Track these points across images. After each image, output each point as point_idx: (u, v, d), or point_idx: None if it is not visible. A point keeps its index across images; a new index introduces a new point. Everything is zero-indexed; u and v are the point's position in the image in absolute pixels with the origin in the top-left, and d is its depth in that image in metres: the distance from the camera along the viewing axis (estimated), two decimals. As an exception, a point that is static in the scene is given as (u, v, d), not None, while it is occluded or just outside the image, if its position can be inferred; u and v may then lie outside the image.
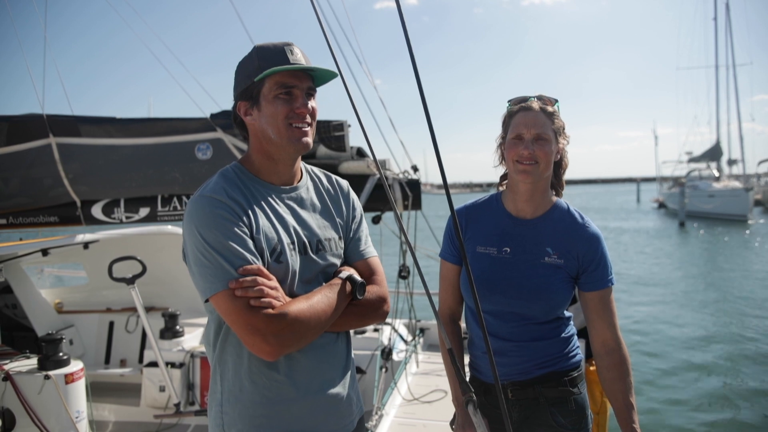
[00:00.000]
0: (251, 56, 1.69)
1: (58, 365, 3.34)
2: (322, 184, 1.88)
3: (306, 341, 1.61)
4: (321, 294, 1.64)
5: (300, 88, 1.67)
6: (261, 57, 1.66)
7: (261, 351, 1.52)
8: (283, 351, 1.55)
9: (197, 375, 4.53)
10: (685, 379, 7.94)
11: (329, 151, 4.67)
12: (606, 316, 2.01)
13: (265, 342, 1.50)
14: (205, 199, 1.60)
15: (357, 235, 1.88)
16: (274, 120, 1.66)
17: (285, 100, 1.65)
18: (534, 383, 2.03)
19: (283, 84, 1.65)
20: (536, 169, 1.95)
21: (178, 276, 5.44)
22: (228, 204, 1.59)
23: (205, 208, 1.58)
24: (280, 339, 1.51)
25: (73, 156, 4.74)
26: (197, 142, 4.67)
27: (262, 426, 1.64)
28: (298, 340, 1.57)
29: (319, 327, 1.61)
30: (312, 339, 1.63)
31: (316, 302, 1.60)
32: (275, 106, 1.65)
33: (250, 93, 1.68)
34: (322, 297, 1.63)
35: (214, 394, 1.70)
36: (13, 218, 4.87)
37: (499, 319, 2.03)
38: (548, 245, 2.01)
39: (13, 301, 5.18)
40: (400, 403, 4.37)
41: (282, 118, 1.65)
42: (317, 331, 1.62)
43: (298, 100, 1.66)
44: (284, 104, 1.65)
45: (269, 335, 1.50)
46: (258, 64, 1.65)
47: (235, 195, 1.62)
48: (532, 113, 1.98)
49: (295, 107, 1.66)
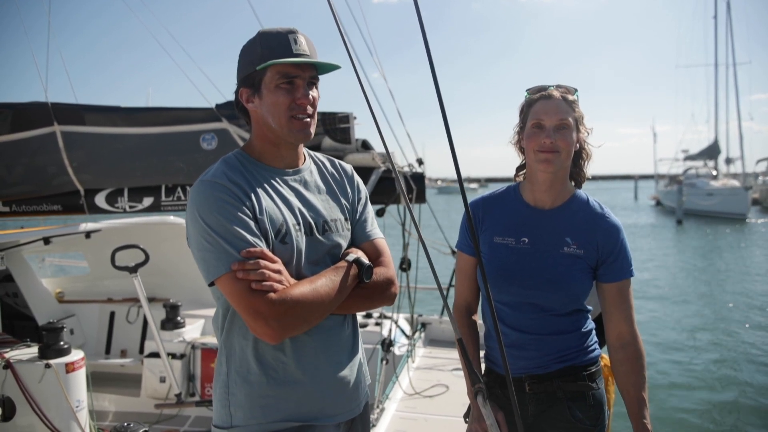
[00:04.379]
0: (254, 42, 1.67)
1: (58, 354, 3.32)
2: (326, 168, 1.87)
3: (309, 325, 1.60)
4: (326, 277, 1.62)
5: (302, 77, 1.65)
6: (264, 45, 1.64)
7: (263, 334, 1.52)
8: (285, 335, 1.55)
9: (198, 366, 4.53)
10: (682, 381, 7.97)
11: (334, 143, 4.65)
12: (623, 308, 1.97)
13: (267, 325, 1.50)
14: (206, 183, 1.60)
15: (363, 216, 1.87)
16: (275, 110, 1.64)
17: (287, 90, 1.64)
18: (552, 377, 2.00)
19: (285, 74, 1.63)
20: (557, 158, 1.92)
21: (180, 267, 5.42)
22: (229, 188, 1.58)
23: (206, 192, 1.58)
24: (282, 323, 1.50)
25: (78, 144, 4.72)
26: (202, 132, 4.65)
27: (268, 407, 1.64)
28: (301, 324, 1.56)
29: (323, 311, 1.60)
30: (316, 322, 1.62)
31: (320, 285, 1.59)
32: (276, 96, 1.64)
33: (252, 80, 1.67)
34: (327, 280, 1.62)
35: (220, 376, 1.70)
36: (17, 206, 4.85)
37: (517, 311, 2.00)
38: (567, 235, 1.97)
39: (14, 290, 5.16)
40: (402, 397, 4.38)
41: (283, 109, 1.64)
42: (321, 314, 1.61)
43: (300, 91, 1.65)
44: (286, 94, 1.64)
45: (271, 319, 1.49)
46: (261, 52, 1.63)
47: (236, 179, 1.62)
48: (552, 101, 1.94)
49: (297, 98, 1.64)
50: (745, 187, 36.43)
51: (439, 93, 1.37)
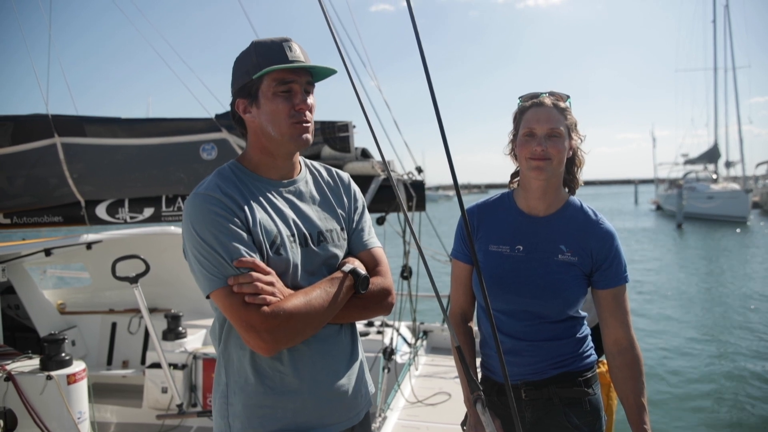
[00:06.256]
0: (249, 52, 1.67)
1: (60, 366, 3.32)
2: (322, 177, 1.87)
3: (303, 337, 1.60)
4: (320, 289, 1.63)
5: (299, 83, 1.65)
6: (259, 53, 1.64)
7: (257, 347, 1.53)
8: (278, 347, 1.55)
9: (200, 376, 4.51)
10: (679, 383, 7.95)
11: (334, 151, 4.65)
12: (619, 314, 1.98)
13: (259, 338, 1.50)
14: (200, 196, 1.60)
15: (360, 225, 1.86)
16: (274, 118, 1.64)
17: (285, 97, 1.64)
18: (548, 383, 2.00)
19: (281, 80, 1.63)
20: (549, 165, 1.93)
21: (181, 277, 5.42)
22: (222, 200, 1.58)
23: (199, 205, 1.58)
24: (274, 336, 1.51)
25: (78, 156, 4.73)
26: (202, 142, 4.66)
27: (266, 417, 1.64)
28: (294, 337, 1.57)
29: (317, 323, 1.60)
30: (310, 335, 1.62)
31: (314, 298, 1.59)
32: (275, 103, 1.64)
33: (249, 90, 1.67)
34: (321, 292, 1.62)
35: (219, 387, 1.70)
36: (18, 218, 4.86)
37: (513, 318, 2.00)
38: (562, 243, 1.98)
39: (16, 302, 5.17)
40: (404, 405, 4.36)
41: (284, 116, 1.64)
42: (315, 326, 1.61)
43: (298, 96, 1.65)
44: (284, 101, 1.64)
45: (263, 332, 1.50)
46: (256, 61, 1.63)
47: (229, 191, 1.62)
48: (544, 109, 1.95)
49: (296, 104, 1.65)
50: (745, 190, 36.43)
51: (434, 100, 1.37)
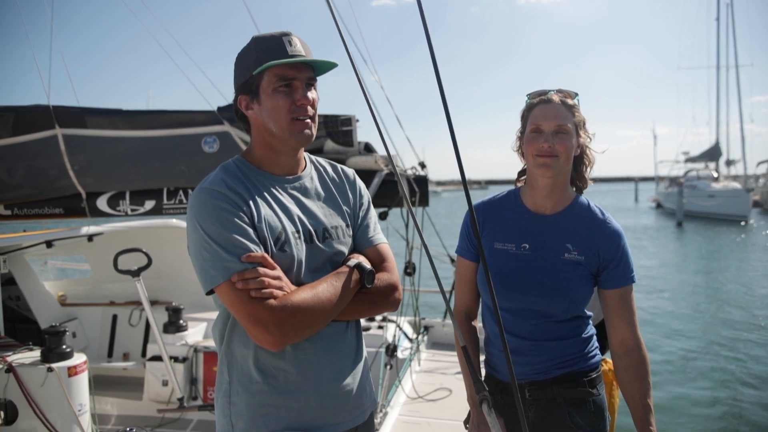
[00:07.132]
0: (249, 48, 1.66)
1: (61, 358, 3.32)
2: (327, 173, 1.85)
3: (311, 331, 1.59)
4: (327, 283, 1.61)
5: (300, 79, 1.64)
6: (259, 49, 1.63)
7: (264, 341, 1.51)
8: (286, 341, 1.53)
9: (200, 370, 4.51)
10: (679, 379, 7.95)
11: (337, 146, 4.64)
12: (626, 314, 1.96)
13: (267, 332, 1.49)
14: (205, 191, 1.59)
15: (365, 221, 1.85)
16: (275, 114, 1.63)
17: (285, 93, 1.62)
18: (552, 383, 1.99)
19: (282, 76, 1.62)
20: (556, 162, 1.91)
21: (182, 270, 5.41)
22: (227, 195, 1.57)
23: (204, 200, 1.57)
24: (282, 329, 1.49)
25: (79, 147, 4.71)
26: (204, 135, 4.63)
27: (269, 416, 1.62)
28: (302, 331, 1.55)
29: (324, 317, 1.59)
30: (317, 329, 1.60)
31: (321, 291, 1.58)
32: (276, 99, 1.62)
33: (250, 86, 1.66)
34: (328, 286, 1.60)
35: (222, 385, 1.69)
36: (19, 209, 4.84)
37: (518, 317, 1.99)
38: (568, 241, 1.96)
39: (17, 293, 5.17)
40: (405, 401, 4.36)
41: (284, 112, 1.62)
42: (322, 321, 1.59)
43: (298, 92, 1.63)
44: (285, 97, 1.62)
45: (271, 325, 1.48)
46: (256, 57, 1.62)
47: (235, 186, 1.61)
48: (551, 105, 1.94)
49: (296, 99, 1.63)
50: (746, 189, 36.40)
51: (442, 92, 1.34)
